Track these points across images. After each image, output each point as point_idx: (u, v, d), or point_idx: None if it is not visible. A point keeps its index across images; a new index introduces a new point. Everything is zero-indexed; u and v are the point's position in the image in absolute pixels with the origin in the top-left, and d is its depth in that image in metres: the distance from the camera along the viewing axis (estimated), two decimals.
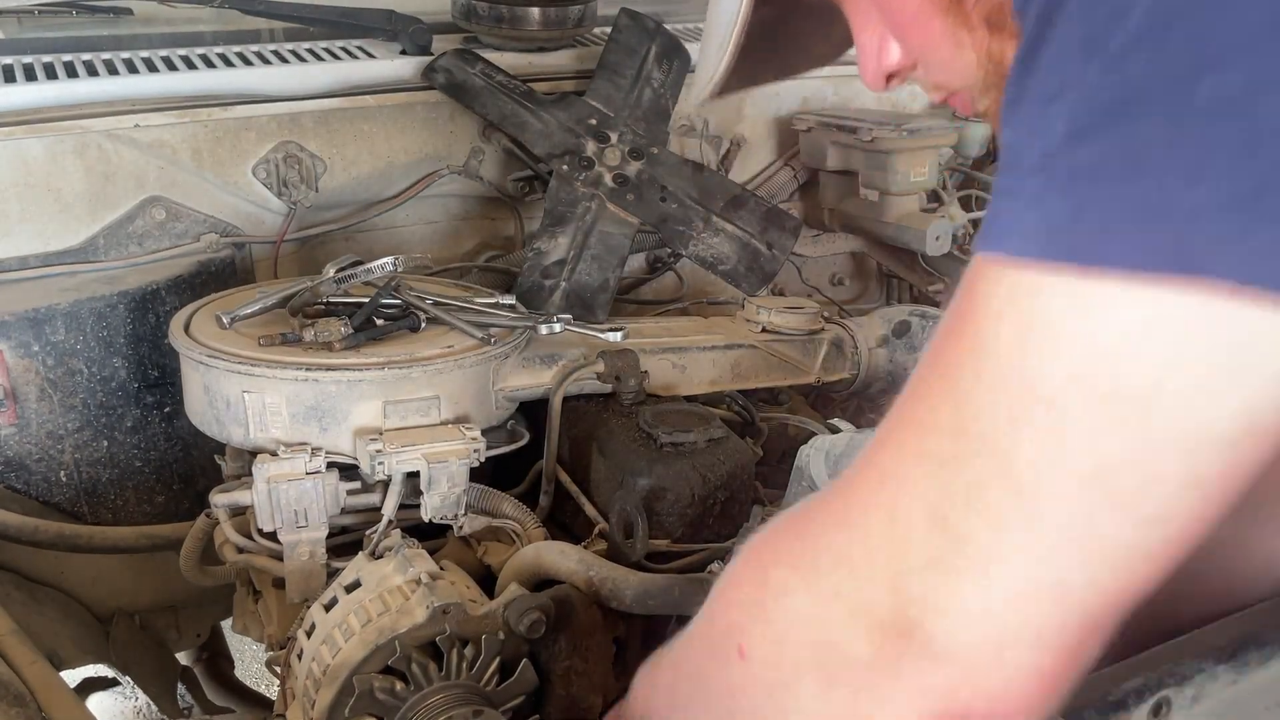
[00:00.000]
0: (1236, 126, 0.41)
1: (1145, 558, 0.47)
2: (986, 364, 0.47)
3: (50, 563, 1.38)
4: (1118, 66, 0.43)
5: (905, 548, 0.49)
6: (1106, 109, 0.43)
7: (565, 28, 1.73)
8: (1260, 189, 0.41)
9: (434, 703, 0.91)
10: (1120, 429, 0.44)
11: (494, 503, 1.18)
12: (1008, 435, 0.46)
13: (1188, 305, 0.42)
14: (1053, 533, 0.46)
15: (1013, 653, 0.47)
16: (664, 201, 1.54)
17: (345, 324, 1.15)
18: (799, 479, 1.00)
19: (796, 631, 0.54)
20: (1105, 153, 0.43)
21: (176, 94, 1.50)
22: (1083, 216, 0.44)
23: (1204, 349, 0.43)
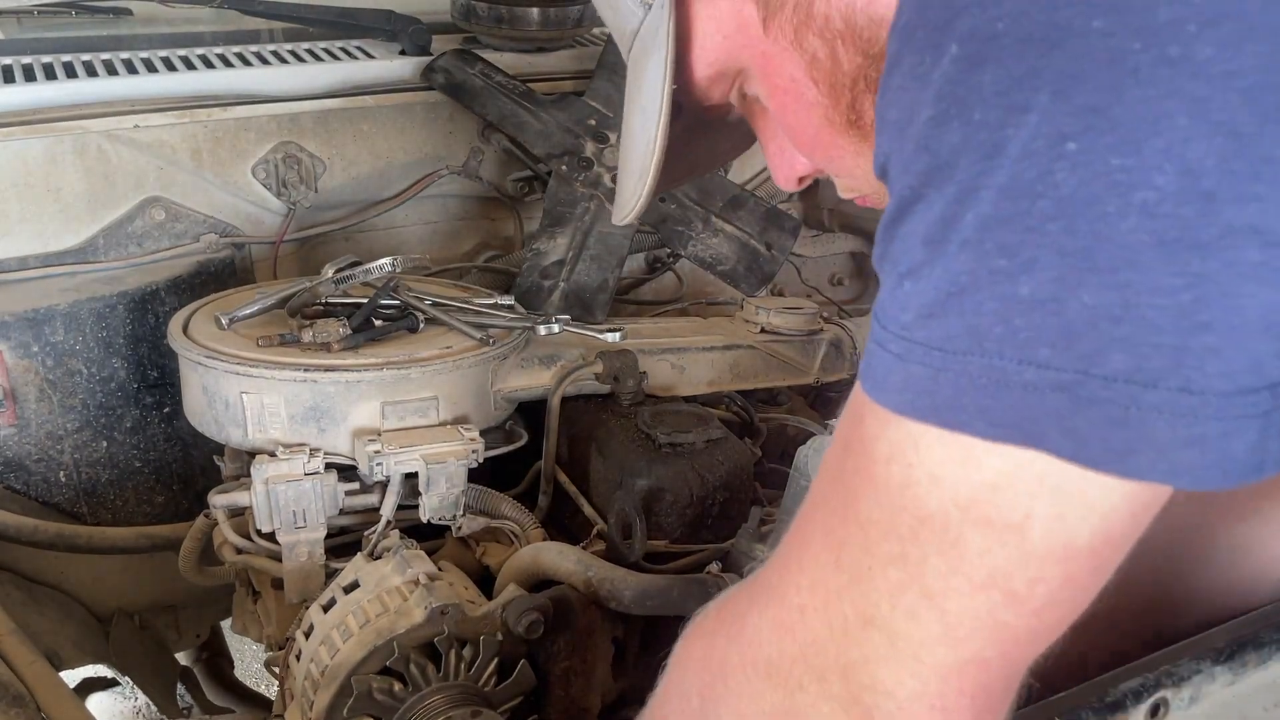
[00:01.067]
0: (1054, 320, 0.47)
1: (1043, 632, 0.55)
2: (883, 497, 0.54)
3: (50, 563, 1.38)
4: (953, 261, 0.50)
5: (846, 646, 0.57)
6: (949, 294, 0.50)
7: (564, 28, 1.73)
8: (1077, 378, 0.47)
9: (432, 703, 0.91)
10: (1004, 546, 0.52)
11: (492, 503, 1.19)
12: (914, 552, 0.54)
13: (1038, 462, 0.50)
14: (964, 624, 0.54)
15: (955, 713, 0.56)
16: (663, 202, 1.54)
17: (344, 325, 1.15)
18: (798, 479, 1.00)
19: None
20: (951, 332, 0.50)
21: (176, 94, 1.50)
22: (938, 386, 0.51)
23: (1057, 492, 0.50)
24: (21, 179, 1.39)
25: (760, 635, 0.63)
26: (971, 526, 0.52)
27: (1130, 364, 0.47)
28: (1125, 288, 0.46)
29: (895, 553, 0.54)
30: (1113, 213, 0.46)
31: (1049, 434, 0.49)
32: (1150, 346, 0.46)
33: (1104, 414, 0.48)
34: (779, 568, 0.62)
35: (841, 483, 0.57)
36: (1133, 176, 0.45)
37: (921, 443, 0.52)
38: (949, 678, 0.55)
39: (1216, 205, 0.44)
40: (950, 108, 0.50)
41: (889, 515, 0.54)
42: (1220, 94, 0.44)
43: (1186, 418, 0.47)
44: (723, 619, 0.67)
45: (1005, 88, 0.47)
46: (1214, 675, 0.75)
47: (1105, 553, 0.53)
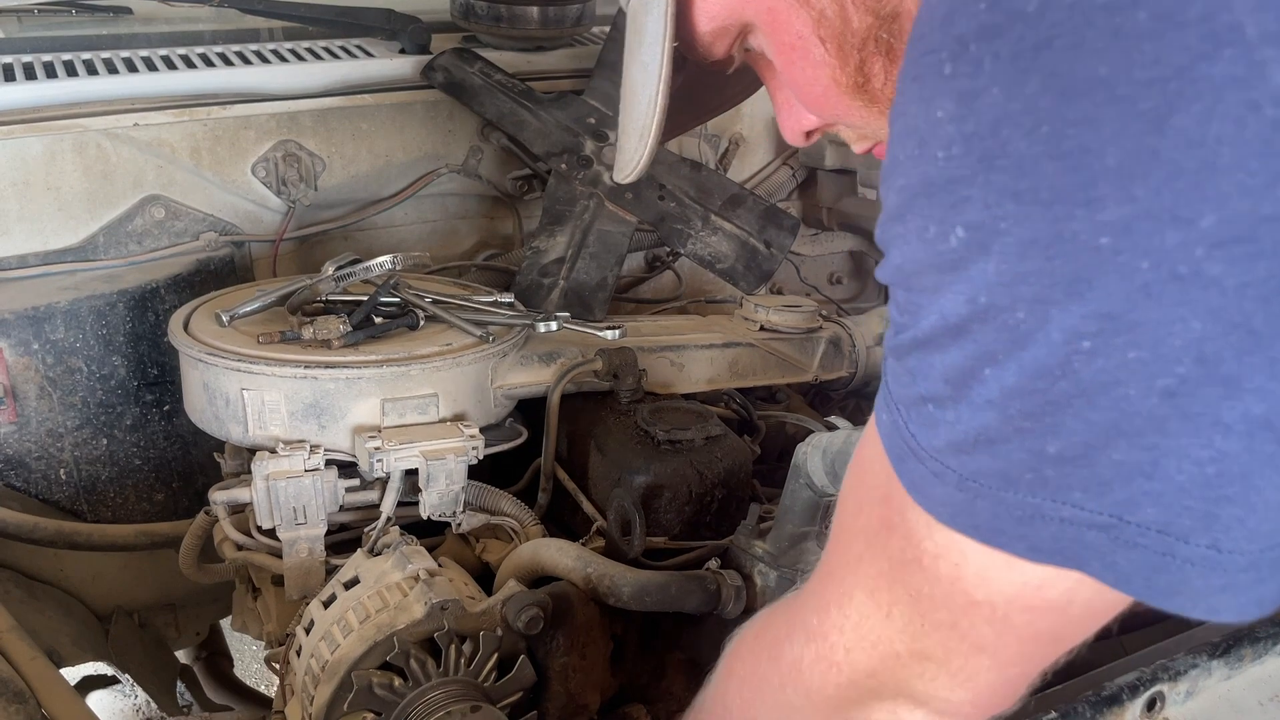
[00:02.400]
0: (1085, 471, 0.49)
1: (1079, 642, 0.61)
2: (933, 581, 0.58)
3: (50, 560, 1.38)
4: (979, 411, 0.51)
5: (900, 672, 0.63)
6: (977, 440, 0.51)
7: (564, 27, 1.73)
8: (1113, 522, 0.49)
9: (432, 699, 0.91)
10: (1048, 618, 0.56)
11: (492, 500, 1.19)
12: (964, 621, 0.58)
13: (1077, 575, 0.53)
14: (1012, 660, 0.59)
15: (995, 708, 0.63)
16: (662, 200, 1.54)
17: (344, 322, 1.16)
18: (796, 477, 1.01)
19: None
20: (983, 468, 0.52)
21: (176, 93, 1.50)
22: (977, 510, 0.53)
23: (1098, 588, 0.52)
24: (21, 177, 1.39)
25: (801, 666, 0.68)
26: (1019, 610, 0.55)
27: (1162, 518, 0.48)
28: (1154, 449, 0.47)
29: (946, 620, 0.58)
30: (1135, 395, 0.47)
31: (1091, 563, 0.51)
32: (1180, 506, 0.48)
33: (1143, 558, 0.50)
34: (817, 609, 0.66)
35: (885, 551, 0.60)
36: (1151, 368, 0.46)
37: (968, 550, 0.55)
38: (996, 688, 0.61)
39: (1238, 391, 0.45)
40: (968, 289, 0.50)
41: (941, 595, 0.58)
42: (1235, 302, 0.44)
43: (1218, 570, 0.49)
44: (762, 642, 0.73)
45: (1014, 280, 0.48)
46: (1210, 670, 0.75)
47: (1124, 602, 0.56)
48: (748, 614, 1.04)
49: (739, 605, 1.02)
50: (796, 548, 1.03)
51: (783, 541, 1.04)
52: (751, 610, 1.04)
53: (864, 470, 0.63)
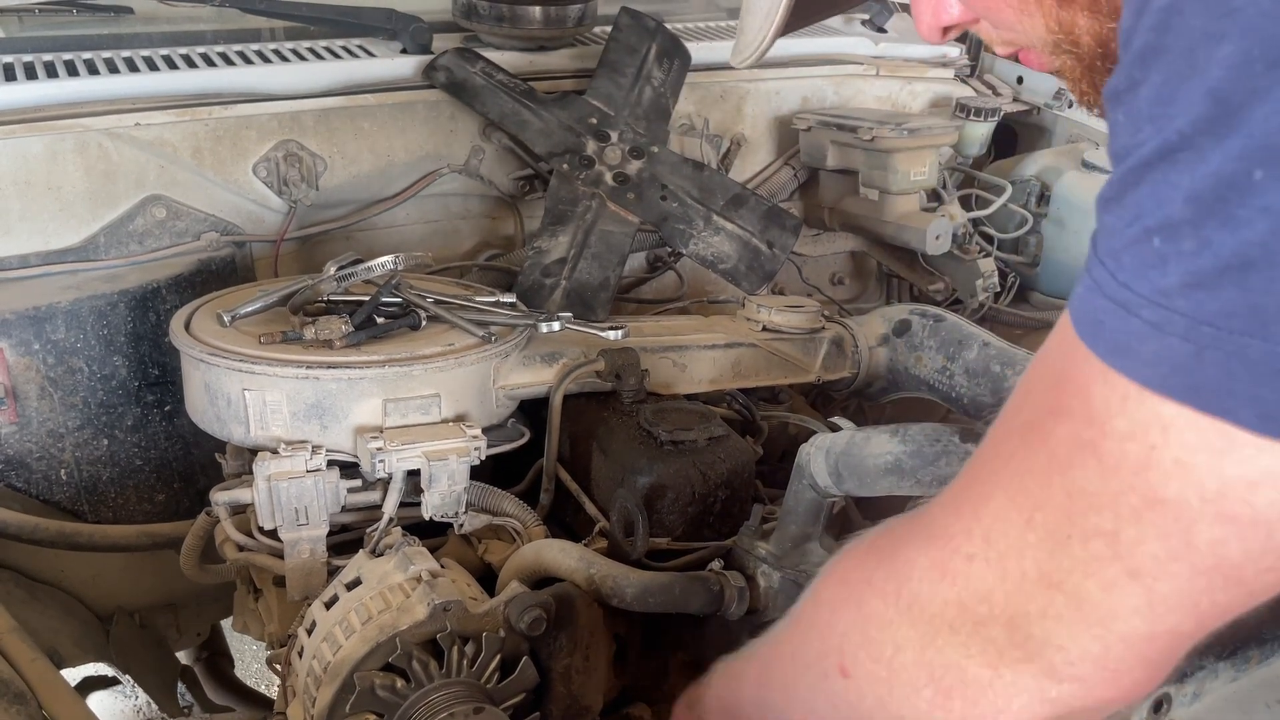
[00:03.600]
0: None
1: (1247, 608, 0.53)
2: (1109, 473, 0.50)
3: (50, 561, 1.38)
4: (1237, 229, 0.44)
5: (1020, 600, 0.55)
6: (1229, 264, 0.44)
7: (565, 27, 1.73)
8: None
9: (435, 700, 0.91)
10: (1242, 540, 0.48)
11: (494, 501, 1.19)
12: (1130, 532, 0.50)
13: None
14: (1169, 601, 0.51)
15: (1127, 675, 0.54)
16: (664, 200, 1.54)
17: (346, 322, 1.15)
18: (799, 477, 1.00)
19: (905, 655, 0.61)
20: (1227, 307, 0.44)
21: (177, 93, 1.50)
22: (1203, 365, 0.46)
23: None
24: (22, 177, 1.39)
25: (913, 570, 0.61)
26: (1212, 520, 0.48)
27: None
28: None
29: (1107, 528, 0.51)
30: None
31: (1239, 407, 0.45)
32: None
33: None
34: (949, 509, 0.60)
35: (1046, 443, 0.53)
36: None
37: (1173, 425, 0.48)
38: (1135, 644, 0.53)
39: None
40: (1258, 47, 0.43)
41: (1113, 492, 0.50)
42: None
43: None
44: (877, 546, 0.66)
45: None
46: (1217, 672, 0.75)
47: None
48: (751, 615, 1.04)
49: (742, 606, 1.02)
50: (800, 549, 1.03)
51: (786, 542, 1.03)
52: (755, 612, 1.04)
53: (1037, 364, 0.56)
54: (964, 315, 1.50)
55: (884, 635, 0.62)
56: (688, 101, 1.77)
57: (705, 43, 1.84)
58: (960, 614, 0.58)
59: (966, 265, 1.78)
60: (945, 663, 0.59)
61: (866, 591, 0.65)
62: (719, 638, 1.07)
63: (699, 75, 1.79)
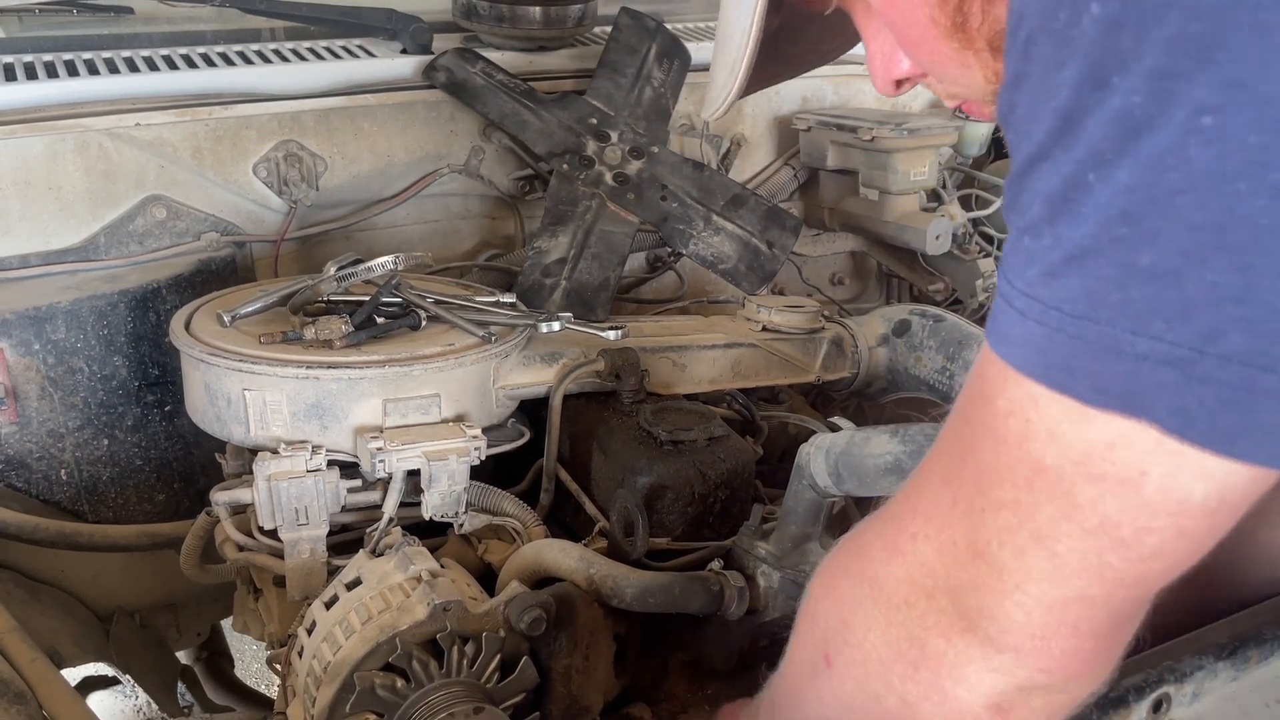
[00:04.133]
0: (1173, 293, 0.48)
1: (1150, 578, 0.57)
2: (1000, 447, 0.57)
3: (51, 561, 1.38)
4: (1077, 225, 0.50)
5: (956, 571, 0.60)
6: (1070, 257, 0.51)
7: (565, 27, 1.73)
8: (1192, 355, 0.48)
9: (435, 700, 0.91)
10: (1117, 497, 0.53)
11: (494, 501, 1.19)
12: (1027, 498, 0.56)
13: (1150, 434, 0.51)
14: (1070, 563, 0.56)
15: (1055, 642, 0.58)
16: (664, 200, 1.54)
17: (346, 322, 1.15)
18: (799, 477, 1.00)
19: (874, 634, 0.66)
20: (1069, 294, 0.51)
21: (177, 93, 1.50)
22: (1053, 346, 0.52)
23: (1175, 455, 0.51)
24: (23, 177, 1.39)
25: (872, 552, 0.67)
26: (1085, 480, 0.53)
27: (1249, 346, 0.47)
28: (1249, 270, 0.46)
29: (1009, 499, 0.56)
30: (1244, 191, 0.45)
31: (1156, 408, 0.50)
32: (1271, 331, 0.46)
33: (1216, 394, 0.48)
34: (901, 499, 0.66)
35: (964, 429, 0.60)
36: (1268, 154, 0.44)
37: (1041, 401, 0.53)
38: (1052, 610, 0.57)
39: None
40: (1087, 70, 0.48)
41: (1006, 464, 0.56)
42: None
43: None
44: (850, 539, 0.71)
45: (1146, 51, 0.46)
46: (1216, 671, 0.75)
47: (1221, 514, 0.53)
48: (751, 615, 1.04)
49: (742, 606, 1.02)
50: (799, 549, 1.03)
51: (786, 542, 1.03)
52: (755, 612, 1.04)
53: (969, 377, 0.62)
54: (964, 315, 1.50)
55: (855, 617, 0.67)
56: (688, 101, 1.77)
57: (705, 43, 1.84)
58: (912, 589, 0.63)
59: (966, 265, 1.78)
60: (908, 637, 0.64)
61: (841, 580, 0.70)
62: (719, 638, 1.07)
63: (699, 75, 1.79)
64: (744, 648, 1.07)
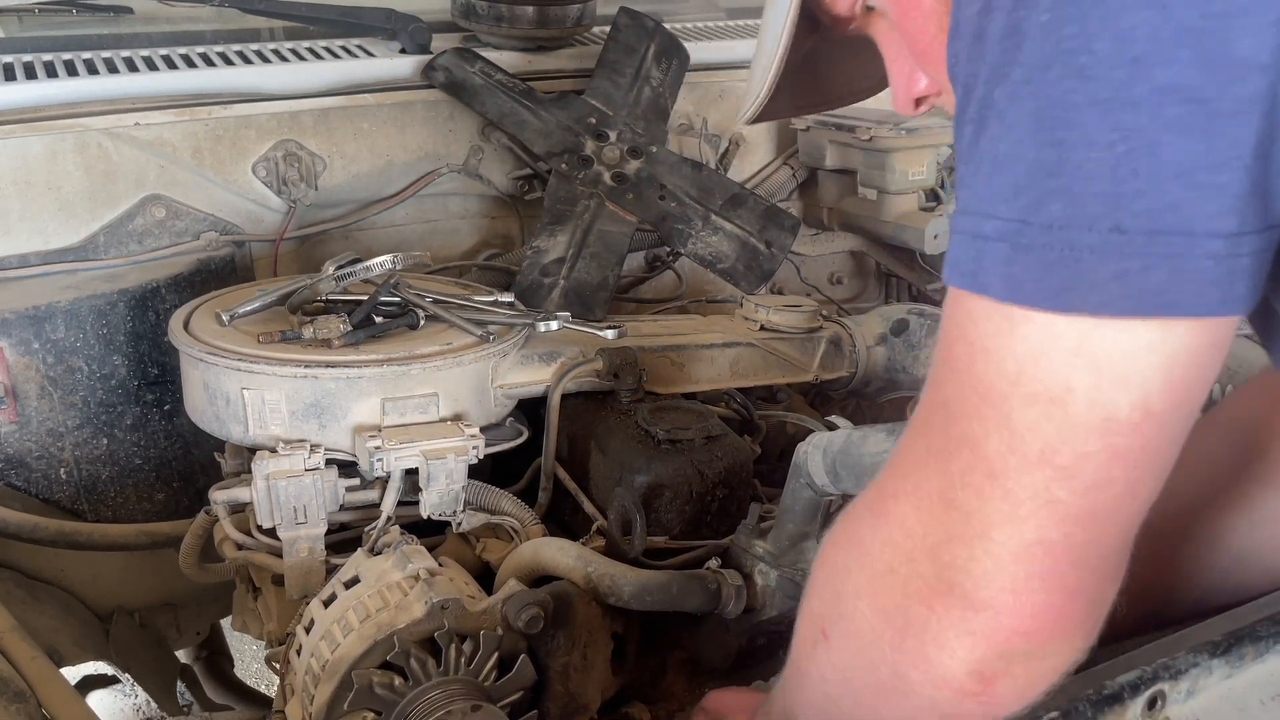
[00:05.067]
0: (1008, 176, 0.55)
1: (1103, 515, 0.58)
2: (954, 376, 0.59)
3: (50, 560, 1.38)
4: (983, 133, 0.57)
5: (931, 526, 0.61)
6: (976, 165, 0.57)
7: (564, 27, 1.73)
8: (1017, 227, 0.54)
9: (432, 698, 0.91)
10: (1050, 419, 0.55)
11: (493, 499, 1.19)
12: (977, 430, 0.58)
13: (1070, 333, 0.54)
14: (1024, 502, 0.57)
15: (1027, 598, 0.58)
16: (663, 200, 1.54)
17: (344, 321, 1.16)
18: (797, 476, 1.00)
19: (863, 603, 0.67)
20: (968, 195, 0.57)
21: (177, 92, 1.50)
22: (955, 247, 0.57)
23: (1090, 360, 0.54)
24: (22, 177, 1.39)
25: (859, 520, 0.68)
26: (1020, 401, 0.56)
27: (1065, 211, 0.53)
28: (1060, 145, 0.53)
29: (965, 433, 0.58)
30: (1058, 76, 0.53)
31: (991, 280, 0.56)
32: (1086, 195, 0.53)
33: (1040, 258, 0.54)
34: (887, 466, 0.67)
35: (933, 371, 0.62)
36: (1076, 43, 0.52)
37: (975, 316, 0.57)
38: (1019, 560, 0.58)
39: (1144, 68, 0.51)
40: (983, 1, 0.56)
41: (960, 395, 0.59)
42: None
43: (1114, 255, 0.53)
44: (846, 510, 0.72)
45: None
46: (1211, 668, 0.75)
47: (1148, 429, 0.55)
48: (748, 614, 1.04)
49: (739, 605, 1.02)
50: (797, 547, 1.03)
51: (783, 541, 1.03)
52: (752, 610, 1.04)
53: None
54: None
55: (845, 587, 0.68)
56: (686, 101, 1.78)
57: (704, 42, 1.85)
58: (894, 553, 0.63)
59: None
60: (893, 605, 0.64)
61: (833, 552, 0.72)
62: (717, 636, 1.07)
63: (697, 75, 1.79)
64: (742, 646, 1.07)
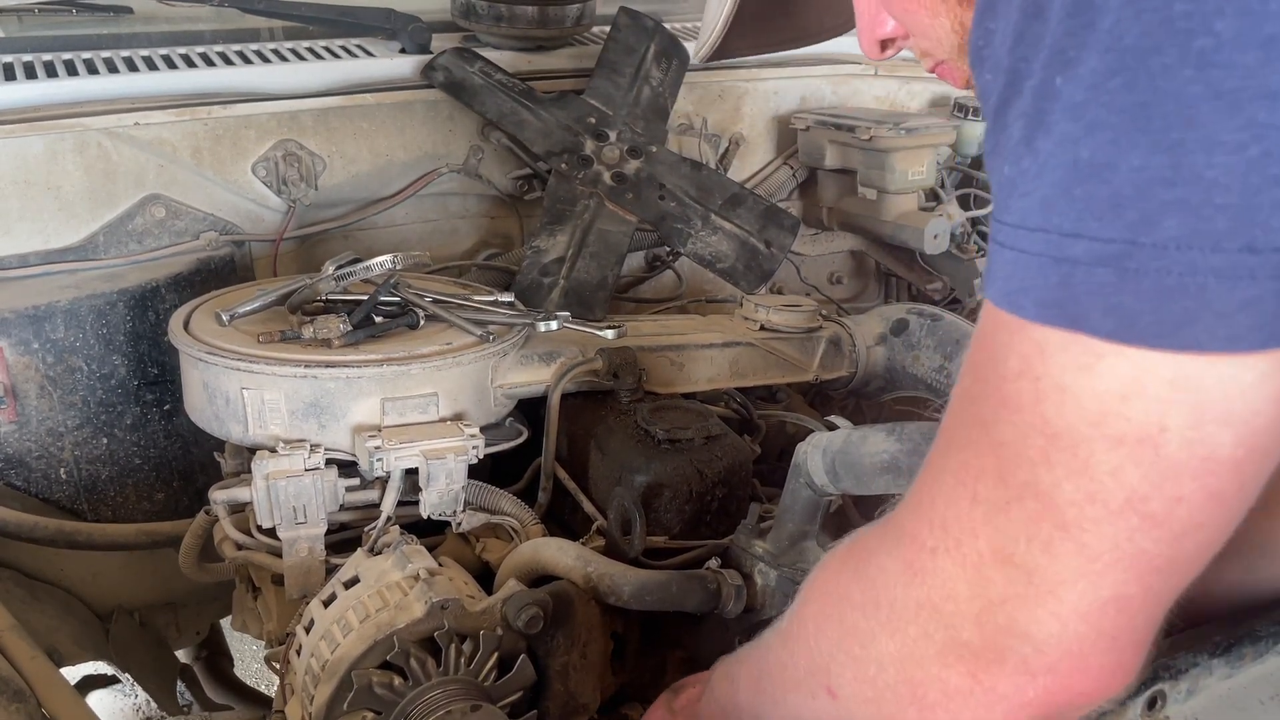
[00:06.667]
0: (1104, 188, 0.45)
1: (1186, 562, 0.52)
2: (1015, 417, 0.51)
3: (50, 560, 1.38)
4: (1048, 134, 0.48)
5: (981, 587, 0.54)
6: (1035, 171, 0.48)
7: (564, 26, 1.73)
8: (1124, 249, 0.45)
9: (432, 698, 0.91)
10: (1139, 463, 0.48)
11: (492, 499, 1.19)
12: (1046, 478, 0.50)
13: (1166, 365, 0.47)
14: (1102, 556, 0.50)
15: (1094, 658, 0.53)
16: (662, 199, 1.54)
17: (344, 321, 1.16)
18: (796, 476, 1.00)
19: (888, 673, 0.60)
20: (1029, 207, 0.48)
21: (176, 92, 1.50)
22: (1015, 268, 0.49)
23: (1191, 396, 0.47)
24: (22, 177, 1.39)
25: (886, 575, 0.60)
26: (1104, 445, 0.48)
27: (1188, 228, 0.44)
28: (1178, 148, 0.44)
29: (1030, 480, 0.51)
30: (1172, 63, 0.43)
31: (1090, 314, 0.47)
32: (1211, 207, 0.44)
33: (1154, 284, 0.45)
34: (911, 507, 0.59)
35: (973, 410, 0.54)
36: (1193, 22, 0.43)
37: (1047, 349, 0.49)
38: (1089, 618, 0.52)
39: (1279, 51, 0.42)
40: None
41: (1022, 437, 0.51)
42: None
43: (1247, 279, 0.44)
44: (852, 553, 0.65)
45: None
46: (1211, 669, 0.75)
47: (1250, 465, 0.49)
48: (748, 614, 1.04)
49: (739, 605, 1.02)
50: (797, 547, 1.03)
51: (783, 541, 1.03)
52: (752, 610, 1.04)
53: (967, 357, 0.57)
54: (962, 314, 1.51)
55: (866, 653, 0.62)
56: (686, 101, 1.78)
57: None
58: (933, 617, 0.56)
59: (965, 264, 1.78)
60: (926, 677, 0.58)
61: (845, 607, 0.64)
62: (716, 636, 1.07)
63: (697, 75, 1.79)
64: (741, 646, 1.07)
